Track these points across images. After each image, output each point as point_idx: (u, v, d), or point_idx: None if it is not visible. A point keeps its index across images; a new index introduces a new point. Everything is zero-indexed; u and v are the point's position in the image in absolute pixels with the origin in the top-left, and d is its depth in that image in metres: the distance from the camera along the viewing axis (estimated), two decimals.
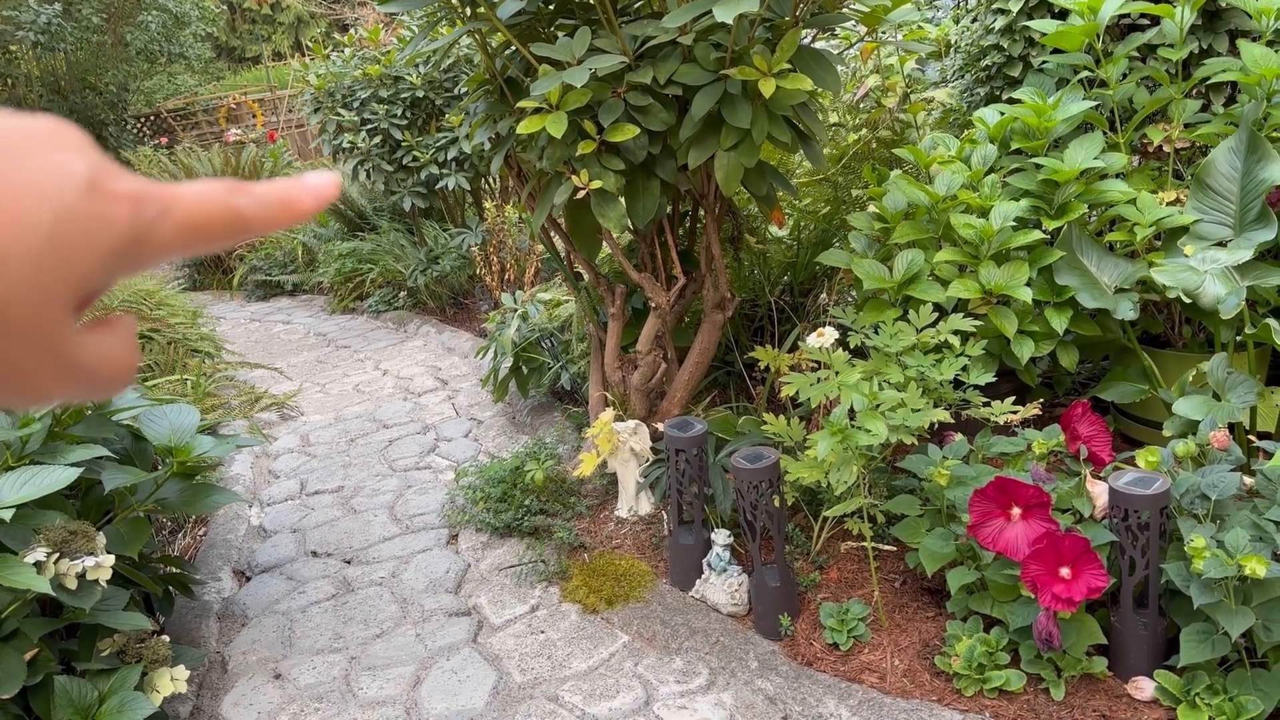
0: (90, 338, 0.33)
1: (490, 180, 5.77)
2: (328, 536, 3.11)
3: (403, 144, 5.34)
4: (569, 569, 2.64)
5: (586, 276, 2.93)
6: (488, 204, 5.42)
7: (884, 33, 2.66)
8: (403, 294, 5.87)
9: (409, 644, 2.46)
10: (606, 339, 2.91)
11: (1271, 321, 2.18)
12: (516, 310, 3.84)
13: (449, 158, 5.33)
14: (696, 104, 2.22)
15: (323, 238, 6.65)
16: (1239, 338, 2.52)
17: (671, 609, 2.41)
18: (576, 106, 2.21)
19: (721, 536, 2.39)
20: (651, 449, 2.77)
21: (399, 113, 5.32)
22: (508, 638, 2.43)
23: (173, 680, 2.07)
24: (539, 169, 2.47)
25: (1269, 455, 2.10)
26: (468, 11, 2.41)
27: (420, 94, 5.35)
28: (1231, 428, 2.47)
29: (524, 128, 2.21)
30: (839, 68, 3.72)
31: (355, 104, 5.39)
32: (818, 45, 3.55)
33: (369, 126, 5.33)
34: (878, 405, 2.15)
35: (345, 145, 5.36)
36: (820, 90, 2.85)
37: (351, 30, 5.78)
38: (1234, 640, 1.72)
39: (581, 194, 2.31)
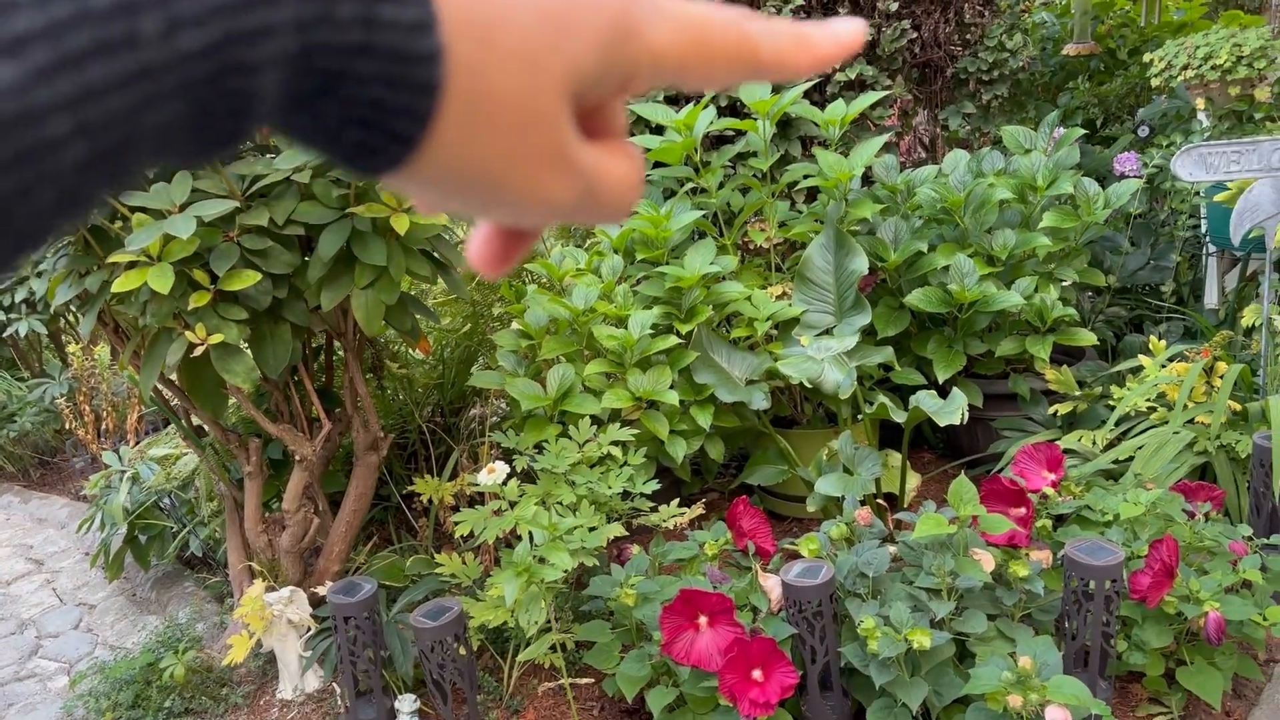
0: (592, 148, 0.31)
1: (70, 320, 5.05)
2: None
3: None
4: None
5: (211, 433, 2.61)
6: (71, 347, 4.73)
7: None
8: None
9: None
10: (245, 499, 2.60)
11: (885, 400, 2.43)
12: (125, 471, 3.34)
13: (17, 300, 4.58)
14: (323, 243, 2.07)
15: None
16: (859, 415, 2.80)
17: None
18: (183, 256, 1.96)
19: (406, 703, 2.19)
20: (313, 615, 2.49)
21: None
22: None
23: None
24: (143, 326, 2.17)
25: (904, 525, 2.33)
26: None
27: None
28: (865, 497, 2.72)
29: (120, 285, 1.92)
30: None
31: None
32: None
33: None
34: (556, 534, 2.09)
35: None
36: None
37: None
38: (913, 711, 1.84)
39: (199, 350, 2.05)
